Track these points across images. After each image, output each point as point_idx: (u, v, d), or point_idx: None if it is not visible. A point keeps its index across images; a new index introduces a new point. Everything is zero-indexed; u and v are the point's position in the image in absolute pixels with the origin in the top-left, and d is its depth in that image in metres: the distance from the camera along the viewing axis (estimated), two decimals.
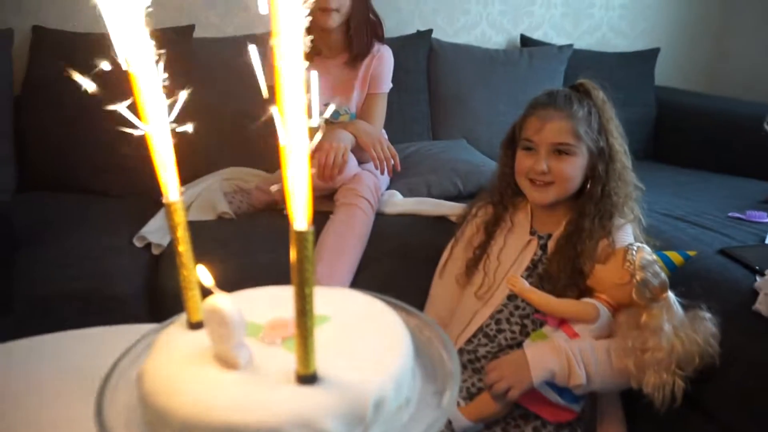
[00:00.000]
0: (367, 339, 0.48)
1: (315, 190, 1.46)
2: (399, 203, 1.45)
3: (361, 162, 1.46)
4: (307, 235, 0.38)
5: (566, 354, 0.96)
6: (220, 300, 0.43)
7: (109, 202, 1.54)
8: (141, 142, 0.45)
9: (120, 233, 1.36)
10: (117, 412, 0.46)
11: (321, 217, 1.35)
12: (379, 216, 1.41)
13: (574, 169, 1.10)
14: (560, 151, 1.10)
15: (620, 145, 1.13)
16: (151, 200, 1.45)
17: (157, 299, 1.24)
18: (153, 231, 1.34)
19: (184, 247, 0.49)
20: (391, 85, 1.58)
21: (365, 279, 1.29)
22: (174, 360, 0.46)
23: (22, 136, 1.66)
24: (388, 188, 1.54)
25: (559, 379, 0.97)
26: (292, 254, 0.39)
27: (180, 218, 0.49)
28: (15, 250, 1.27)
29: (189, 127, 0.39)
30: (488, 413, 1.03)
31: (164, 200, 0.48)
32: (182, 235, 0.49)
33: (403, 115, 1.93)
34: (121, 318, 0.96)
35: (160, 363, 0.46)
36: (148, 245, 1.34)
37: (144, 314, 1.21)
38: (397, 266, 1.33)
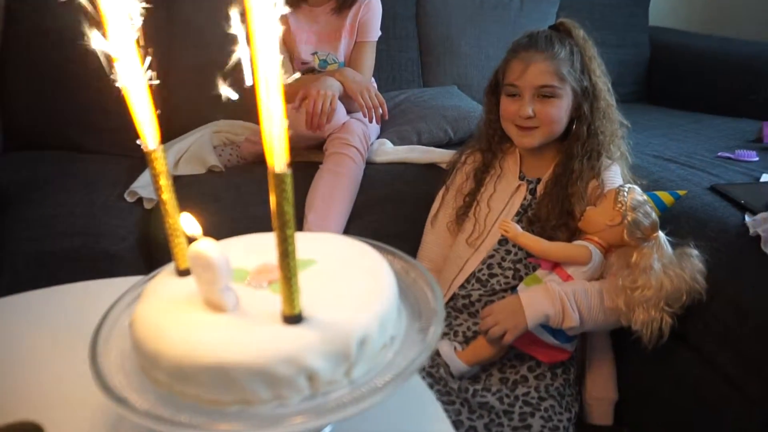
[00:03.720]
0: (352, 281, 0.49)
1: (304, 139, 1.45)
2: (389, 152, 1.45)
3: (349, 111, 1.44)
4: (284, 177, 0.38)
5: (560, 297, 0.98)
6: (205, 244, 0.44)
7: (97, 159, 1.51)
8: (123, 99, 0.45)
9: (110, 190, 1.34)
10: (111, 360, 0.47)
11: (311, 168, 1.34)
12: (370, 165, 1.41)
13: (560, 111, 1.10)
14: (545, 95, 1.09)
15: (603, 83, 1.12)
16: (139, 157, 1.43)
17: (151, 253, 1.25)
18: (143, 185, 1.33)
19: (168, 195, 0.49)
20: (380, 33, 1.55)
21: (357, 227, 1.30)
22: (163, 306, 0.47)
23: (5, 94, 1.62)
24: (378, 137, 1.52)
25: (553, 322, 0.99)
26: (272, 197, 0.39)
27: (161, 167, 0.49)
28: (2, 211, 1.25)
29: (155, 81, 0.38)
30: (484, 357, 1.06)
31: (144, 149, 0.48)
32: (165, 183, 0.49)
33: (392, 62, 1.90)
34: (116, 273, 0.97)
35: (150, 309, 0.47)
36: (140, 200, 1.34)
37: (139, 269, 1.22)
38: (389, 214, 1.34)
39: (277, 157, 0.38)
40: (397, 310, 0.49)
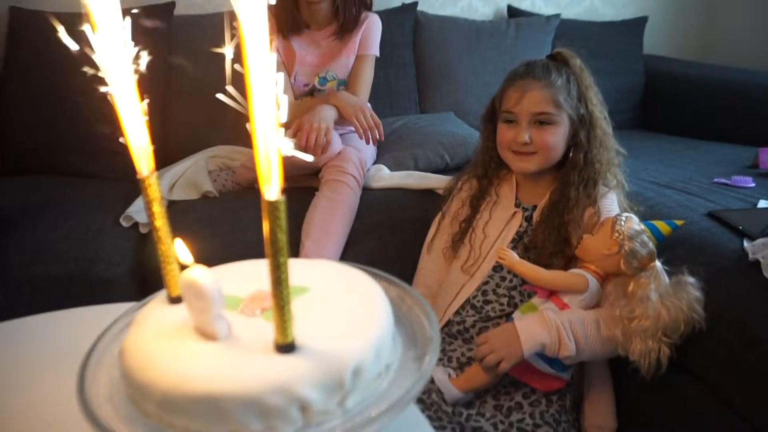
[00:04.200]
0: (346, 308, 0.48)
1: (298, 167, 1.44)
2: (386, 177, 1.45)
3: (342, 126, 1.45)
4: (278, 204, 0.38)
5: (556, 326, 0.97)
6: (197, 272, 0.43)
7: (94, 184, 1.52)
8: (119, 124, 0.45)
9: (106, 215, 1.34)
10: (100, 388, 0.46)
11: (306, 193, 1.34)
12: (367, 190, 1.41)
13: (556, 137, 1.10)
14: (541, 121, 1.10)
15: (600, 111, 1.13)
16: (135, 181, 1.43)
17: (146, 278, 1.24)
18: (139, 210, 1.33)
19: (161, 222, 0.49)
20: (378, 53, 1.57)
21: (354, 254, 1.29)
22: (154, 334, 0.46)
23: (3, 120, 1.63)
24: (375, 162, 1.53)
25: (549, 351, 0.98)
26: (265, 225, 0.39)
27: (155, 193, 0.48)
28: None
29: (144, 104, 0.38)
30: (478, 384, 1.04)
31: (138, 175, 0.48)
32: (157, 210, 0.49)
33: (390, 89, 1.92)
34: (111, 299, 0.96)
35: (140, 338, 0.46)
36: (136, 225, 1.34)
37: (133, 294, 1.21)
38: (386, 240, 1.33)
39: (271, 185, 0.38)
40: (392, 338, 0.48)
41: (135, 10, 0.42)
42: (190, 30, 1.75)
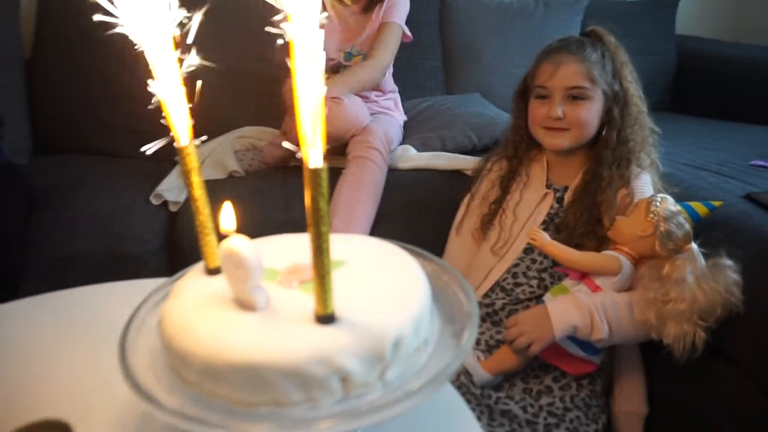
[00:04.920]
0: (384, 282, 0.48)
1: (328, 140, 1.43)
2: (413, 158, 1.44)
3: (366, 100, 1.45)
4: (320, 172, 0.37)
5: (588, 309, 0.95)
6: (237, 241, 0.43)
7: (125, 163, 1.53)
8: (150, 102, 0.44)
9: (136, 193, 1.36)
10: (140, 358, 0.46)
11: (334, 173, 1.33)
12: (394, 171, 1.40)
13: (590, 113, 1.08)
14: (575, 96, 1.07)
15: (635, 89, 1.10)
16: (166, 160, 1.45)
17: (176, 256, 1.25)
18: (169, 188, 1.34)
19: (199, 192, 0.49)
20: (401, 23, 1.53)
21: (381, 233, 1.28)
22: (193, 304, 0.46)
23: (35, 99, 1.66)
24: (402, 143, 1.52)
25: (581, 334, 0.96)
26: (307, 193, 0.38)
27: (193, 162, 0.48)
28: (32, 212, 1.27)
29: (194, 59, 0.37)
30: (508, 367, 1.03)
31: (176, 145, 0.48)
32: (196, 180, 0.48)
33: (416, 70, 1.90)
34: (141, 276, 0.97)
35: (180, 307, 0.46)
36: (166, 204, 1.35)
37: (164, 271, 1.22)
38: (413, 220, 1.32)
39: (313, 152, 0.37)
40: (429, 312, 0.48)
41: None
42: (214, 8, 1.74)
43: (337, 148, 1.38)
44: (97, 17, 0.36)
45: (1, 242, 1.10)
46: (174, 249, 1.26)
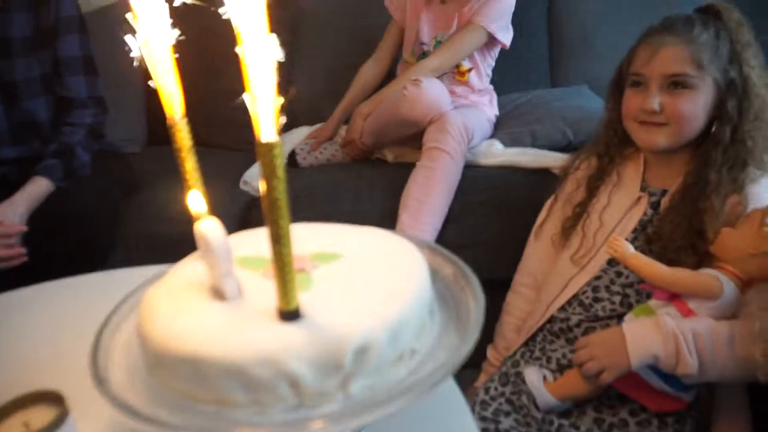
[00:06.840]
0: (372, 281, 0.42)
1: (405, 124, 1.41)
2: (498, 153, 1.34)
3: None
4: (273, 146, 0.33)
5: (674, 336, 0.80)
6: (208, 224, 0.40)
7: (215, 153, 1.61)
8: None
9: (222, 180, 1.41)
10: (123, 336, 0.45)
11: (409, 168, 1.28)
12: (475, 167, 1.31)
13: (694, 106, 0.92)
14: (676, 83, 0.92)
15: (758, 76, 0.91)
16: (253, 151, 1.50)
17: None
18: (256, 176, 1.39)
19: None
20: (489, 27, 1.43)
21: (454, 231, 1.22)
22: (171, 289, 0.45)
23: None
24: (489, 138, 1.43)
25: (665, 366, 0.81)
26: (260, 171, 0.34)
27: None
28: (132, 193, 1.39)
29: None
30: (576, 393, 0.91)
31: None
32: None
33: (518, 61, 1.76)
34: None
35: (156, 291, 0.45)
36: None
37: None
38: (490, 220, 1.23)
39: (265, 124, 0.33)
40: (422, 320, 0.41)
41: None
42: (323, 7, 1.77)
43: (415, 141, 1.32)
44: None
45: (96, 221, 1.20)
46: None
